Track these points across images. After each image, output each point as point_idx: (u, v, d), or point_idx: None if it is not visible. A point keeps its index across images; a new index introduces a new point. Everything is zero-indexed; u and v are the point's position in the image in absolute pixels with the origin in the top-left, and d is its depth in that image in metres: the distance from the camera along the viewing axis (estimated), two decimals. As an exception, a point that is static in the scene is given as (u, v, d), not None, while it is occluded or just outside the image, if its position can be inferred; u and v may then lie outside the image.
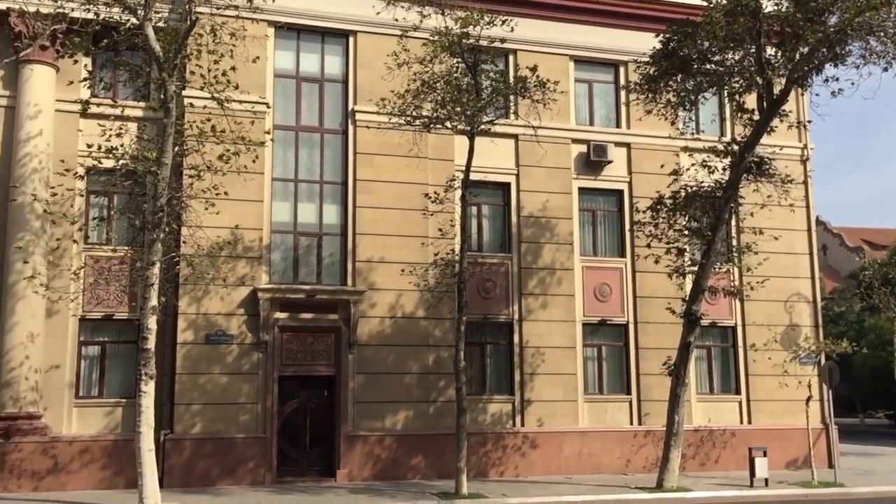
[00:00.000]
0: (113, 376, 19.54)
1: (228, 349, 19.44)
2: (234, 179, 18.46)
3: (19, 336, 18.19)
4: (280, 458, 19.62)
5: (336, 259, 20.87)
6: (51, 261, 18.94)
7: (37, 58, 18.97)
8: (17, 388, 18.05)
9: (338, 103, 21.40)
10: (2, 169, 19.07)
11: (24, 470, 17.88)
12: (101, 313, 19.47)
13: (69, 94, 19.33)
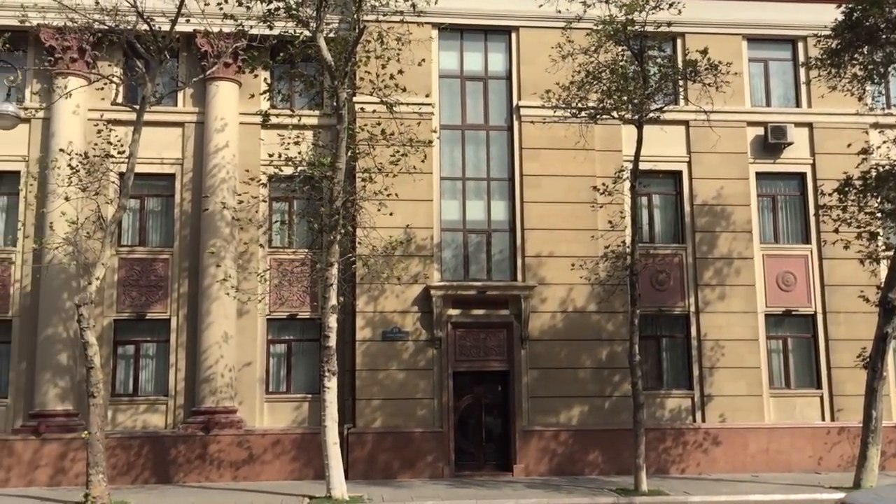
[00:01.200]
0: (298, 373, 20.57)
1: (404, 346, 19.98)
2: (404, 180, 18.94)
3: (215, 335, 19.52)
4: (457, 453, 19.95)
5: (505, 255, 20.97)
6: (240, 264, 20.21)
7: (221, 75, 20.26)
8: (215, 384, 19.37)
9: (502, 100, 21.49)
10: (195, 180, 20.53)
11: (223, 461, 19.16)
12: (286, 313, 20.55)
13: (251, 106, 20.54)
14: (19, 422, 19.22)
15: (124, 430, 19.44)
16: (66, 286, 19.32)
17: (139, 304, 20.23)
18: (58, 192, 18.51)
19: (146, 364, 20.34)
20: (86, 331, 16.33)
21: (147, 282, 20.29)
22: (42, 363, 19.12)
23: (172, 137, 20.70)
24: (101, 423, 16.27)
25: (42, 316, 19.34)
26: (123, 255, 20.23)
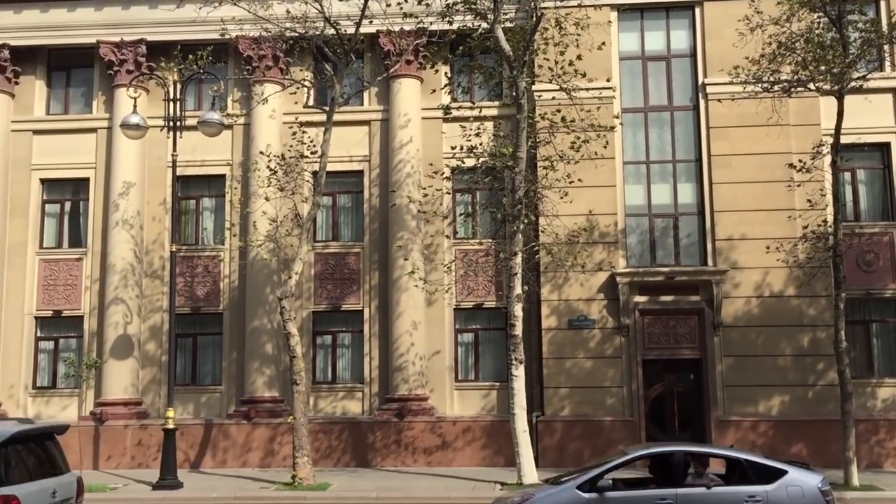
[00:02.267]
0: (486, 361, 20.86)
1: (591, 334, 19.76)
2: (586, 166, 18.71)
3: (405, 325, 20.17)
4: (649, 441, 19.50)
5: (694, 239, 20.24)
6: (426, 256, 20.74)
7: (403, 72, 20.84)
8: (406, 372, 20.03)
9: (686, 78, 20.72)
10: (382, 176, 21.28)
11: (417, 446, 19.79)
12: (472, 303, 20.89)
13: (432, 101, 21.00)
14: (232, 407, 20.74)
15: (325, 416, 20.51)
16: (269, 281, 20.61)
17: (334, 296, 21.24)
18: (259, 193, 19.76)
19: (342, 353, 21.35)
20: (288, 322, 17.39)
21: (341, 275, 21.27)
22: (250, 353, 20.52)
23: (360, 135, 21.55)
24: (304, 408, 17.30)
25: (249, 309, 20.74)
26: (318, 250, 21.31)
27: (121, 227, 20.95)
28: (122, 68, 21.37)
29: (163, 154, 21.07)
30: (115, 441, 20.10)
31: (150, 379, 21.05)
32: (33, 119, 22.08)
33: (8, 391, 21.05)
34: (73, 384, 20.56)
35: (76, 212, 22.17)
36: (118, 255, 20.88)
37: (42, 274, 21.68)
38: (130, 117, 18.33)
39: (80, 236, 21.93)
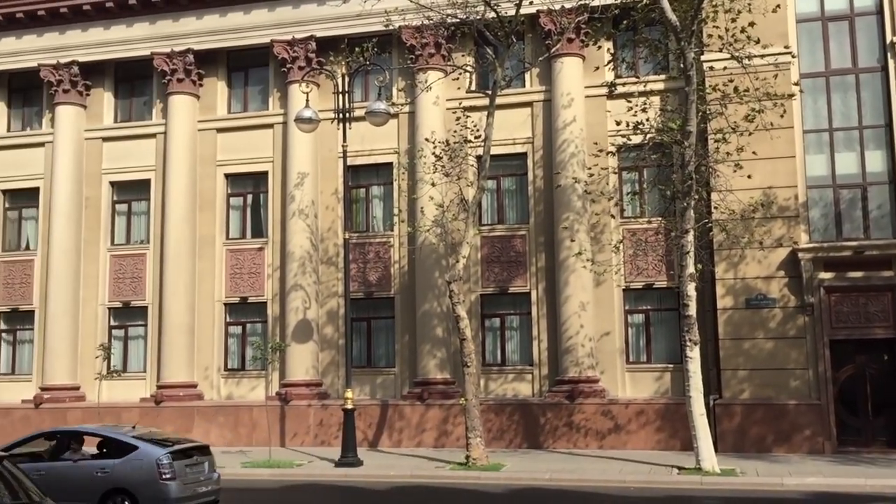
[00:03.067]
0: (658, 342, 20.34)
1: (770, 313, 18.81)
2: (760, 138, 17.77)
3: (573, 307, 19.99)
4: (839, 427, 18.39)
5: (885, 210, 18.79)
6: (593, 236, 20.44)
7: (564, 51, 20.57)
8: (576, 354, 19.86)
9: (872, 38, 19.21)
10: (545, 157, 21.14)
11: (589, 429, 19.61)
12: (642, 283, 20.40)
13: (595, 79, 20.62)
14: (406, 388, 21.34)
15: (496, 398, 20.72)
16: (437, 265, 21.00)
17: (501, 279, 21.36)
18: (425, 179, 20.13)
19: (511, 335, 21.45)
20: (457, 305, 17.67)
21: (507, 258, 21.36)
22: (421, 336, 21.02)
23: (522, 117, 21.48)
24: (475, 390, 17.54)
25: (418, 293, 21.24)
26: (485, 233, 21.47)
27: (297, 216, 21.98)
28: (294, 65, 22.34)
29: (333, 145, 21.89)
30: (299, 420, 21.18)
31: (329, 361, 22.01)
32: (217, 118, 23.52)
33: (203, 373, 22.65)
34: (260, 366, 21.85)
35: (257, 204, 23.47)
36: (296, 243, 21.92)
37: (229, 263, 23.12)
38: (303, 111, 19.13)
39: (261, 227, 23.20)
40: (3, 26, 23.92)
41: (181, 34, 23.08)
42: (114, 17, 23.42)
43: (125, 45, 23.56)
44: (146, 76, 24.12)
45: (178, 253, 22.67)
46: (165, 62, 23.09)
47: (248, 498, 14.90)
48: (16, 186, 24.63)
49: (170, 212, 22.82)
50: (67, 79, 23.67)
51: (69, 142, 23.74)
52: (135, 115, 24.43)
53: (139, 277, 23.54)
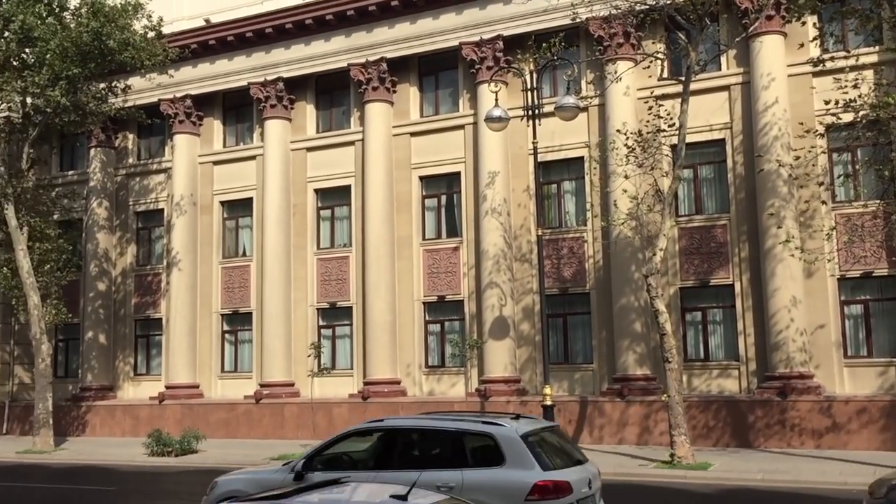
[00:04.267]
0: (880, 335, 18.87)
1: None
2: None
3: (782, 299, 18.91)
4: None
5: None
6: (801, 223, 19.26)
7: (763, 29, 19.50)
8: (787, 348, 18.78)
9: None
10: (745, 142, 20.15)
11: (804, 428, 18.47)
12: (860, 271, 18.97)
13: (798, 56, 19.43)
14: (604, 385, 21.06)
15: (700, 394, 19.99)
16: (633, 258, 20.55)
17: (701, 271, 20.59)
18: (617, 172, 19.75)
19: (714, 330, 20.63)
20: (655, 299, 17.21)
21: (707, 249, 20.55)
22: (619, 331, 20.66)
23: (719, 102, 20.60)
24: (678, 386, 17.01)
25: (615, 287, 20.88)
26: (682, 224, 20.78)
27: (490, 215, 22.25)
28: (482, 65, 22.65)
29: (523, 142, 21.97)
30: (499, 416, 21.43)
31: (526, 357, 22.13)
32: (410, 122, 24.29)
33: (405, 370, 23.47)
34: (459, 363, 22.30)
35: (451, 204, 24.00)
36: (490, 241, 22.21)
37: (426, 263, 23.81)
38: (493, 111, 19.34)
39: (455, 226, 23.71)
40: (216, 50, 25.92)
41: (374, 44, 24.03)
42: (313, 34, 24.78)
43: (324, 58, 24.86)
44: (344, 87, 25.32)
45: (378, 254, 23.62)
46: (361, 72, 24.13)
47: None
48: (232, 198, 26.64)
49: (369, 215, 23.82)
50: (274, 94, 25.29)
51: (277, 153, 25.37)
52: (334, 125, 25.72)
53: (343, 279, 24.75)
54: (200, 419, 24.50)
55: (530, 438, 8.95)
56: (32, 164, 25.47)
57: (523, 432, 8.94)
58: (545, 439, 9.35)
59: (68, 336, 28.50)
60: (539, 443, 9.08)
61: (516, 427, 9.05)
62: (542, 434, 9.42)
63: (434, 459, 9.16)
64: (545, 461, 8.79)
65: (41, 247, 24.77)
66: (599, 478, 9.61)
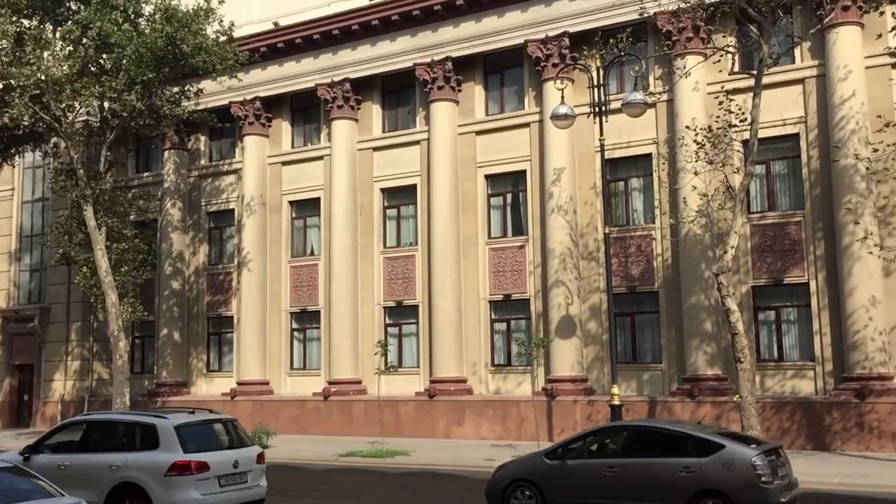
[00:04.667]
0: (965, 336, 18.14)
1: None
2: None
3: (860, 299, 18.34)
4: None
5: None
6: (881, 219, 18.65)
7: (839, 20, 18.95)
8: (865, 349, 18.21)
9: None
10: (821, 136, 19.61)
11: (884, 431, 17.88)
12: (943, 269, 18.28)
13: (876, 48, 18.82)
14: (674, 385, 20.73)
15: (773, 395, 19.54)
16: (703, 256, 20.19)
17: (775, 269, 20.11)
18: (687, 168, 19.43)
19: (787, 329, 20.14)
20: (726, 298, 16.87)
21: (781, 246, 20.07)
22: (688, 330, 20.31)
23: (792, 96, 20.09)
24: (750, 387, 16.65)
25: (684, 286, 20.54)
26: (754, 221, 20.33)
27: (556, 213, 22.11)
28: (547, 63, 22.52)
29: (590, 140, 21.78)
30: (566, 415, 21.30)
31: (593, 357, 21.93)
32: (475, 121, 24.30)
33: (471, 368, 23.49)
34: (525, 362, 22.23)
35: (516, 202, 23.94)
36: (556, 240, 22.07)
37: (491, 261, 23.79)
38: (559, 108, 19.20)
39: (521, 225, 23.64)
40: (284, 52, 26.34)
41: (440, 43, 24.11)
42: (379, 34, 24.99)
43: (389, 59, 25.05)
44: (409, 86, 25.47)
45: (444, 253, 23.70)
46: (426, 71, 24.23)
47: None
48: (300, 197, 27.06)
49: (435, 214, 23.91)
50: (340, 95, 25.58)
51: (344, 153, 25.66)
52: (400, 125, 25.89)
53: (409, 278, 24.90)
54: (271, 415, 24.95)
55: (182, 429, 11.57)
56: (110, 167, 26.25)
57: (177, 423, 11.64)
58: (206, 429, 12.10)
59: (144, 333, 29.33)
60: (192, 432, 11.70)
61: (173, 419, 11.81)
62: (201, 425, 12.08)
63: (114, 444, 12.04)
64: (189, 446, 11.35)
65: (118, 247, 25.52)
66: (258, 461, 12.11)
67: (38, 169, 32.32)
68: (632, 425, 13.05)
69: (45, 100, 23.26)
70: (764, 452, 10.83)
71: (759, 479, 10.50)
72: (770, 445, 11.40)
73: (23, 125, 24.53)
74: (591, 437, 12.36)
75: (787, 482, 10.97)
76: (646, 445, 11.61)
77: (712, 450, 10.91)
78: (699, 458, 10.87)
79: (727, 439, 11.23)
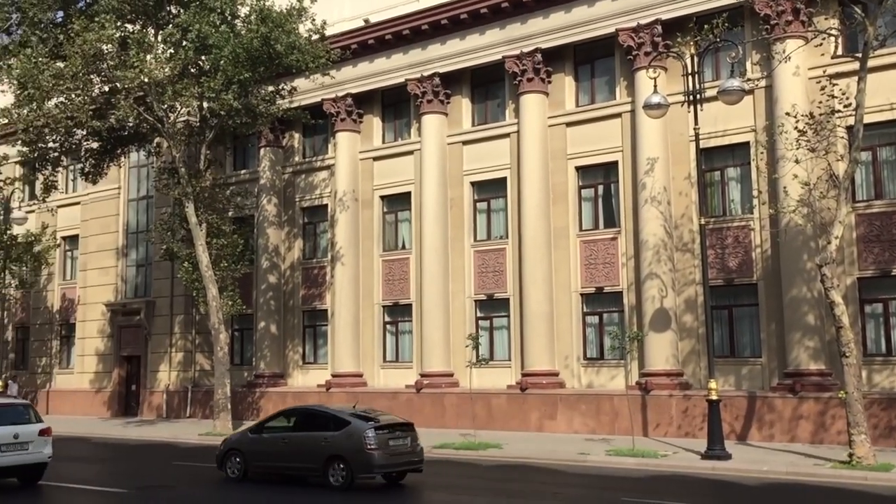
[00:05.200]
0: None
1: None
2: None
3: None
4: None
5: None
6: None
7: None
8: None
9: None
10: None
11: None
12: None
13: None
14: (774, 380, 20.11)
15: (882, 391, 18.75)
16: (805, 247, 19.50)
17: (882, 260, 19.27)
18: (787, 156, 18.78)
19: (896, 323, 19.28)
20: (830, 290, 16.26)
21: (889, 236, 19.22)
22: (790, 324, 19.66)
23: (902, 78, 19.17)
24: (856, 382, 16.02)
25: (784, 278, 19.89)
26: (860, 210, 19.54)
27: (649, 204, 21.72)
28: (639, 51, 22.12)
29: (684, 129, 21.30)
30: (661, 410, 20.93)
31: (689, 350, 21.47)
32: (565, 112, 24.08)
33: (563, 362, 23.34)
34: (618, 355, 21.95)
35: (608, 194, 23.63)
36: (649, 231, 21.69)
37: (583, 254, 23.56)
38: (652, 97, 18.83)
39: (612, 216, 23.32)
40: (375, 49, 26.68)
41: (529, 35, 23.98)
42: (467, 28, 25.03)
43: (478, 52, 25.06)
44: (498, 79, 25.44)
45: (534, 246, 23.59)
46: (515, 64, 24.14)
47: (617, 485, 15.05)
48: (391, 192, 27.37)
49: (525, 207, 23.83)
50: (430, 90, 25.74)
51: (434, 148, 25.82)
52: (489, 118, 25.87)
53: (500, 271, 24.89)
54: (364, 407, 25.32)
55: None
56: (209, 165, 27.13)
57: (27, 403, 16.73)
58: None
59: (243, 326, 30.22)
60: None
61: None
62: None
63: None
64: None
65: (217, 242, 26.35)
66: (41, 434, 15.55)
67: (142, 168, 33.67)
68: (300, 408, 17.63)
69: (149, 101, 24.20)
70: (377, 428, 14.48)
71: (366, 447, 14.18)
72: (389, 422, 15.03)
73: (128, 126, 25.55)
74: (277, 417, 16.67)
75: (398, 452, 14.66)
76: (307, 422, 15.59)
77: (343, 425, 14.77)
78: (334, 432, 14.76)
79: (356, 418, 14.93)
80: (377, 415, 15.60)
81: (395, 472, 14.99)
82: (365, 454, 14.23)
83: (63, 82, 23.21)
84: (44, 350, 36.93)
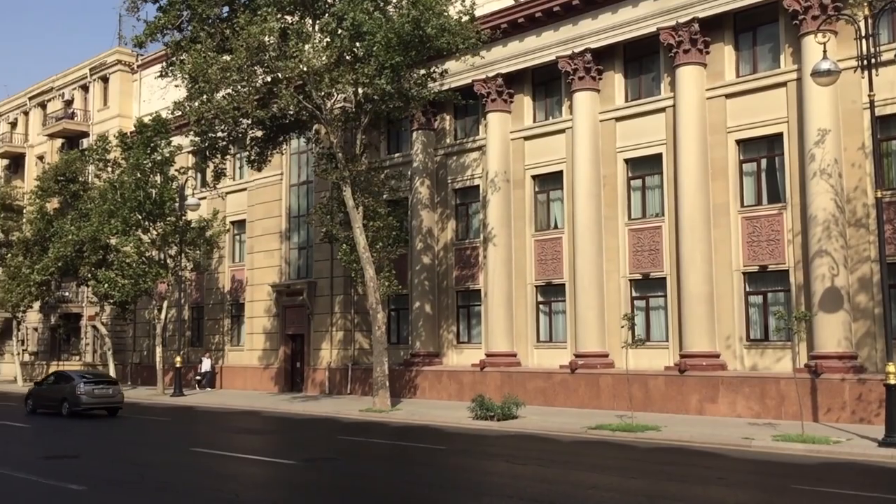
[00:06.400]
0: None
1: None
2: None
3: None
4: None
5: None
6: None
7: None
8: None
9: None
10: None
11: None
12: None
13: None
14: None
15: None
16: None
17: None
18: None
19: None
20: None
21: None
22: (980, 304, 18.06)
23: None
24: None
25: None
26: None
27: (818, 177, 20.51)
28: (806, 15, 20.85)
29: (857, 96, 19.93)
30: (832, 394, 19.82)
31: (864, 332, 20.18)
32: (724, 84, 23.08)
33: (724, 342, 22.51)
34: (785, 337, 20.93)
35: (771, 168, 22.50)
36: (818, 206, 20.50)
37: (745, 231, 22.58)
38: (821, 64, 17.67)
39: (777, 191, 22.20)
40: (525, 27, 26.50)
41: (685, 5, 23.11)
42: (620, 1, 24.39)
43: (631, 25, 24.41)
44: (652, 52, 24.71)
45: (692, 223, 22.83)
46: (671, 35, 23.34)
47: (785, 472, 14.37)
48: (543, 171, 27.20)
49: (682, 183, 23.07)
50: (581, 66, 25.32)
51: (586, 125, 25.42)
52: (643, 93, 25.19)
53: (656, 249, 24.26)
54: (518, 386, 25.45)
55: None
56: (364, 149, 27.88)
57: None
58: None
59: (398, 306, 30.98)
60: None
61: None
62: None
63: None
64: None
65: (374, 224, 27.08)
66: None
67: (302, 154, 35.09)
68: (56, 372, 29.84)
69: (307, 89, 25.11)
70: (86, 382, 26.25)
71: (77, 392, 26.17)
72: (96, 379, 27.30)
73: (288, 114, 26.62)
74: (51, 377, 28.53)
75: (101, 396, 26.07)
76: (58, 379, 27.59)
77: (71, 381, 26.77)
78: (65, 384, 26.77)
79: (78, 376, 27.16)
80: (95, 376, 28.52)
81: (99, 408, 26.09)
82: (76, 397, 25.68)
83: (230, 75, 24.44)
84: (216, 328, 39.34)
